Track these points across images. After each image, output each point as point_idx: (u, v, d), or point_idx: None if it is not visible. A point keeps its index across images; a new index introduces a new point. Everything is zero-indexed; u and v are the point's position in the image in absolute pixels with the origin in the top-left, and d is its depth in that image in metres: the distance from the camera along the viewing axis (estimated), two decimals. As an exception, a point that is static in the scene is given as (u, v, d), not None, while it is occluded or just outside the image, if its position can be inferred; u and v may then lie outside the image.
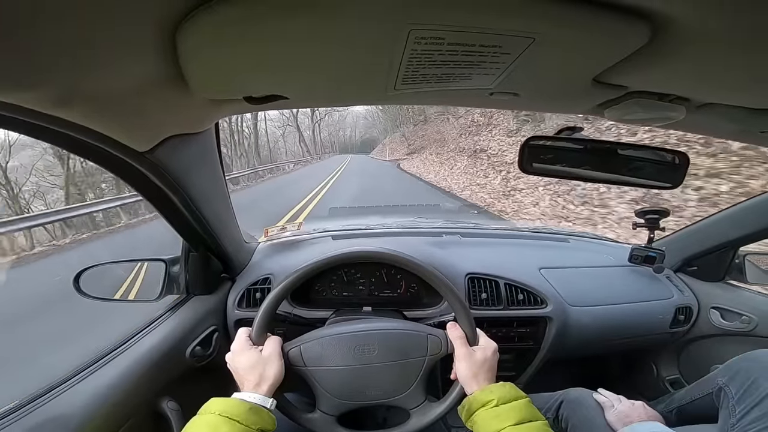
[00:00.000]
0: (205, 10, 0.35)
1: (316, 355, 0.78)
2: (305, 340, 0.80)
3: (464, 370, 0.74)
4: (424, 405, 0.78)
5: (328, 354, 0.78)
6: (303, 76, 0.51)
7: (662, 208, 1.30)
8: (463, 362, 0.75)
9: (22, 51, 0.32)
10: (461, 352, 0.76)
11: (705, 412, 0.99)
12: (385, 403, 0.78)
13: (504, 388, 0.70)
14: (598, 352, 1.43)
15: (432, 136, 20.72)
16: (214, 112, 0.68)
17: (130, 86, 0.45)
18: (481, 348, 0.77)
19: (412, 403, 0.78)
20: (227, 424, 0.62)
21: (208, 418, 0.63)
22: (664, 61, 0.44)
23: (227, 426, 0.61)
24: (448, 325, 0.80)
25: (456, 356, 0.77)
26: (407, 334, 0.80)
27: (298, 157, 32.12)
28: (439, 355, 0.79)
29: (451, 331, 0.79)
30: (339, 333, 0.80)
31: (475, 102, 0.71)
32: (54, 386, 0.72)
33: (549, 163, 0.82)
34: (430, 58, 0.44)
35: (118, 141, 0.55)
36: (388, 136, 45.18)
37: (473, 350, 0.77)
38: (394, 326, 0.82)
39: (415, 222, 1.74)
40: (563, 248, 1.58)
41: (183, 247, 1.02)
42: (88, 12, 0.32)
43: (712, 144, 4.09)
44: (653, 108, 0.58)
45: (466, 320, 0.80)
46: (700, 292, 1.37)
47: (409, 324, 0.85)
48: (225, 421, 0.62)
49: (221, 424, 0.61)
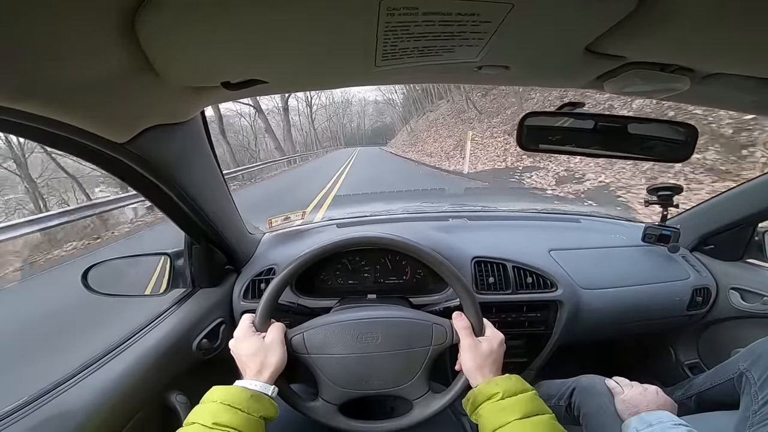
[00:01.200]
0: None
1: (320, 343, 0.77)
2: (308, 327, 0.79)
3: (469, 362, 0.72)
4: (427, 396, 0.77)
5: (331, 341, 0.77)
6: (278, 56, 0.49)
7: (675, 185, 1.25)
8: (468, 353, 0.73)
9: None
10: (466, 343, 0.74)
11: (725, 398, 0.96)
12: (387, 393, 0.77)
13: (509, 381, 0.68)
14: (612, 336, 1.40)
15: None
16: (193, 100, 0.66)
17: (95, 76, 0.44)
18: (487, 339, 0.76)
19: (415, 393, 0.77)
20: (229, 412, 0.62)
21: (209, 406, 0.63)
22: (660, 29, 0.41)
23: (229, 414, 0.61)
24: (453, 315, 0.78)
25: (461, 347, 0.75)
26: (411, 323, 0.79)
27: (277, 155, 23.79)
28: (444, 345, 0.77)
29: (457, 320, 0.77)
30: (342, 320, 0.79)
31: (464, 77, 0.69)
32: (61, 382, 0.73)
33: (550, 139, 0.79)
34: (407, 30, 0.42)
35: (94, 133, 0.54)
36: (418, 118, 31.76)
37: (479, 341, 0.75)
38: (398, 314, 0.81)
39: (420, 207, 1.72)
40: (574, 229, 1.54)
41: (185, 241, 1.03)
42: (39, 4, 0.31)
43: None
44: (655, 79, 0.55)
45: (473, 309, 0.78)
46: (718, 272, 1.33)
47: (413, 312, 0.84)
48: (227, 409, 0.62)
49: (223, 413, 0.61)
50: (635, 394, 0.89)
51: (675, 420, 0.76)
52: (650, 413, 0.80)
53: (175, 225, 0.94)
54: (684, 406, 1.10)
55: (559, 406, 1.08)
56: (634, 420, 0.79)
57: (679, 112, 5.26)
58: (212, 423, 0.59)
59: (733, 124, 4.71)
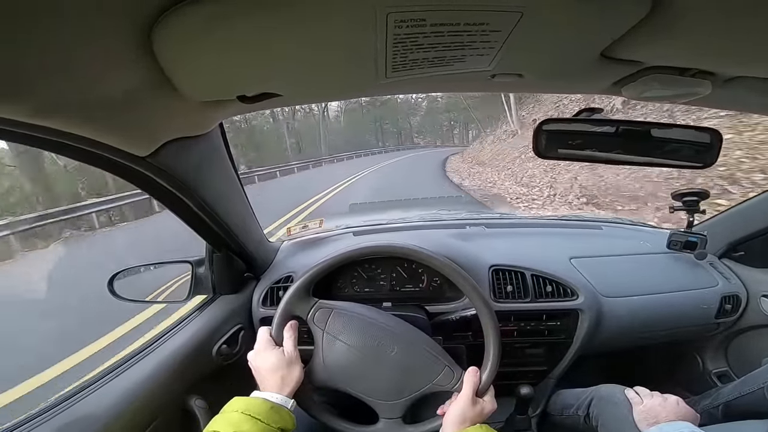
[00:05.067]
0: (174, 12, 0.34)
1: (339, 326, 0.78)
2: (340, 307, 0.81)
3: (457, 414, 0.72)
4: (397, 422, 0.77)
5: (349, 330, 0.78)
6: (290, 71, 0.50)
7: (701, 190, 1.21)
8: (461, 405, 0.73)
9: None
10: (465, 395, 0.73)
11: (754, 408, 0.92)
12: (367, 400, 0.78)
13: (480, 430, 0.69)
14: (636, 344, 1.36)
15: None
16: (211, 114, 0.68)
17: (114, 92, 0.46)
18: (484, 403, 0.75)
19: (389, 413, 0.77)
20: (249, 422, 0.63)
21: (231, 416, 0.65)
22: (676, 33, 0.40)
23: (249, 424, 0.63)
24: (470, 369, 0.77)
25: (459, 396, 0.75)
26: (429, 355, 0.79)
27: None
28: (444, 388, 0.77)
29: (470, 374, 0.76)
30: (371, 319, 0.80)
31: (478, 86, 0.69)
32: (85, 386, 0.75)
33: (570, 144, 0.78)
34: (416, 41, 0.42)
35: (117, 147, 0.56)
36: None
37: (477, 400, 0.75)
38: (421, 340, 0.81)
39: (437, 214, 1.71)
40: (595, 236, 1.51)
41: (206, 249, 1.05)
42: (55, 22, 0.32)
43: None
44: (674, 84, 0.54)
45: (493, 360, 0.78)
46: (748, 279, 1.27)
47: (436, 347, 0.82)
48: (247, 419, 0.64)
49: (243, 422, 0.63)
50: (654, 404, 0.86)
51: (695, 430, 0.73)
52: (669, 423, 0.77)
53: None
54: (711, 416, 1.06)
55: (578, 416, 1.06)
56: (653, 430, 0.77)
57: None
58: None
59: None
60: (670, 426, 0.76)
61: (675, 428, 0.75)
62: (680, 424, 0.76)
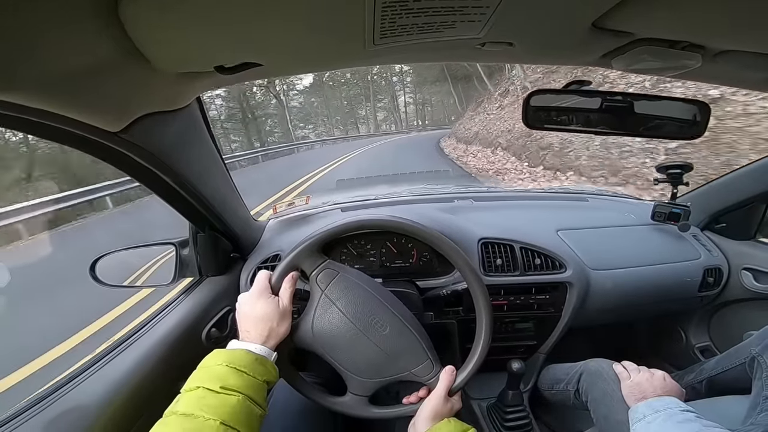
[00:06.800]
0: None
1: (339, 292, 0.77)
2: (348, 272, 0.80)
3: (429, 411, 0.72)
4: (363, 400, 0.78)
5: (348, 298, 0.77)
6: (272, 38, 0.48)
7: (686, 163, 1.22)
8: (434, 402, 0.73)
9: None
10: (438, 394, 0.74)
11: (737, 383, 0.94)
12: (340, 371, 0.77)
13: (449, 425, 0.69)
14: (623, 318, 1.39)
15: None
16: (188, 86, 0.65)
17: (82, 65, 0.43)
18: (455, 401, 0.76)
19: (359, 390, 0.78)
20: (235, 374, 0.60)
21: (215, 370, 0.61)
22: (668, 4, 0.40)
23: (234, 377, 0.60)
24: (447, 368, 0.77)
25: (432, 394, 0.75)
26: (416, 343, 0.78)
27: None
28: (419, 379, 0.77)
29: (446, 373, 0.76)
30: (373, 292, 0.79)
31: (466, 55, 0.66)
32: (75, 375, 0.74)
33: (557, 118, 0.78)
34: (405, 5, 0.41)
35: (86, 123, 0.53)
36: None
37: (449, 399, 0.75)
38: (415, 326, 0.80)
39: (425, 189, 1.70)
40: (581, 208, 1.52)
41: (190, 229, 1.02)
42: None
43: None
44: (664, 56, 0.53)
45: (475, 363, 0.78)
46: (729, 252, 1.30)
47: (425, 337, 0.81)
48: (232, 372, 0.60)
49: (229, 376, 0.60)
50: (642, 379, 0.88)
51: (682, 406, 0.75)
52: (658, 399, 0.79)
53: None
54: (694, 391, 1.09)
55: (568, 391, 1.08)
56: (641, 406, 0.79)
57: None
58: (220, 387, 0.58)
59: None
60: (658, 402, 0.78)
61: (664, 404, 0.76)
62: (668, 400, 0.77)
